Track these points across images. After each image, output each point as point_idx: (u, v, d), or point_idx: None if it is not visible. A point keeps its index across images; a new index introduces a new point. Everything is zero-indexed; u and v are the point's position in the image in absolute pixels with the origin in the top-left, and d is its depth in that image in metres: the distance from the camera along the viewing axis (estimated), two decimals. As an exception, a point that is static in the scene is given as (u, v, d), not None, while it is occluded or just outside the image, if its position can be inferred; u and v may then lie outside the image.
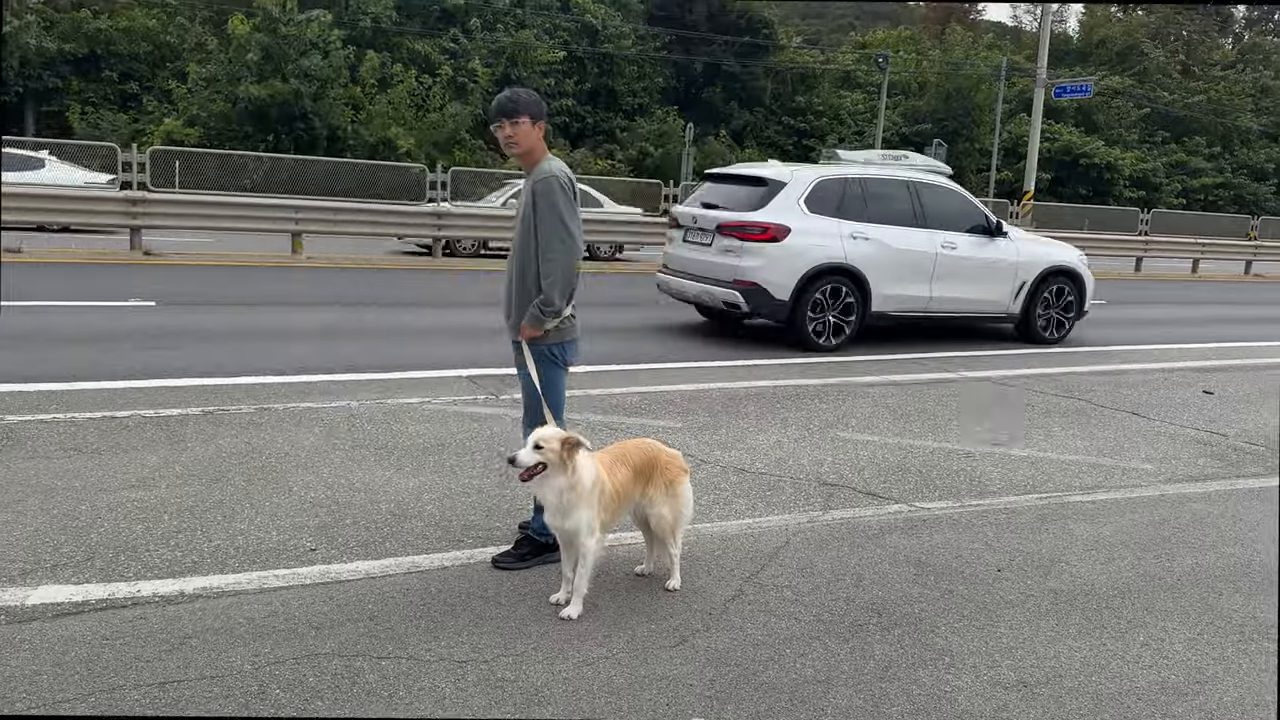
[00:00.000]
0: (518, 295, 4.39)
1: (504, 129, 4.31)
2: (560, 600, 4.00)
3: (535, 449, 3.83)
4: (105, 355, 8.09)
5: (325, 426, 6.36)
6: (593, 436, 6.31)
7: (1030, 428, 7.47)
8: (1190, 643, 4.02)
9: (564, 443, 3.85)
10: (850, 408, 7.78)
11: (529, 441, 3.87)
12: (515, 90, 4.43)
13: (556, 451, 3.83)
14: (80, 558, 4.19)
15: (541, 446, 3.83)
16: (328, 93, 31.91)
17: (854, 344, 10.49)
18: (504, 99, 4.34)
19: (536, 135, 4.34)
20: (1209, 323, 15.52)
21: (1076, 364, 10.40)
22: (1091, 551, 4.97)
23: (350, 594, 4.01)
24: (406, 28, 38.41)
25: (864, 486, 5.81)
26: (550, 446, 3.83)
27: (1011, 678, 3.64)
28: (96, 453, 5.55)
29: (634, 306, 12.73)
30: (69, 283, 12.35)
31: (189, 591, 3.94)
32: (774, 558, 4.64)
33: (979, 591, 4.40)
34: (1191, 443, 7.31)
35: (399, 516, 4.89)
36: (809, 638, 3.85)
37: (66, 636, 3.53)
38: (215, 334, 9.47)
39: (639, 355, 9.44)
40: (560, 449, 3.83)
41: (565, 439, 3.86)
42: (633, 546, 4.60)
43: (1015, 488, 5.97)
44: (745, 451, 6.39)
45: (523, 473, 3.84)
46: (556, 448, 3.83)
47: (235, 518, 4.74)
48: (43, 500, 4.80)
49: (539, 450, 3.82)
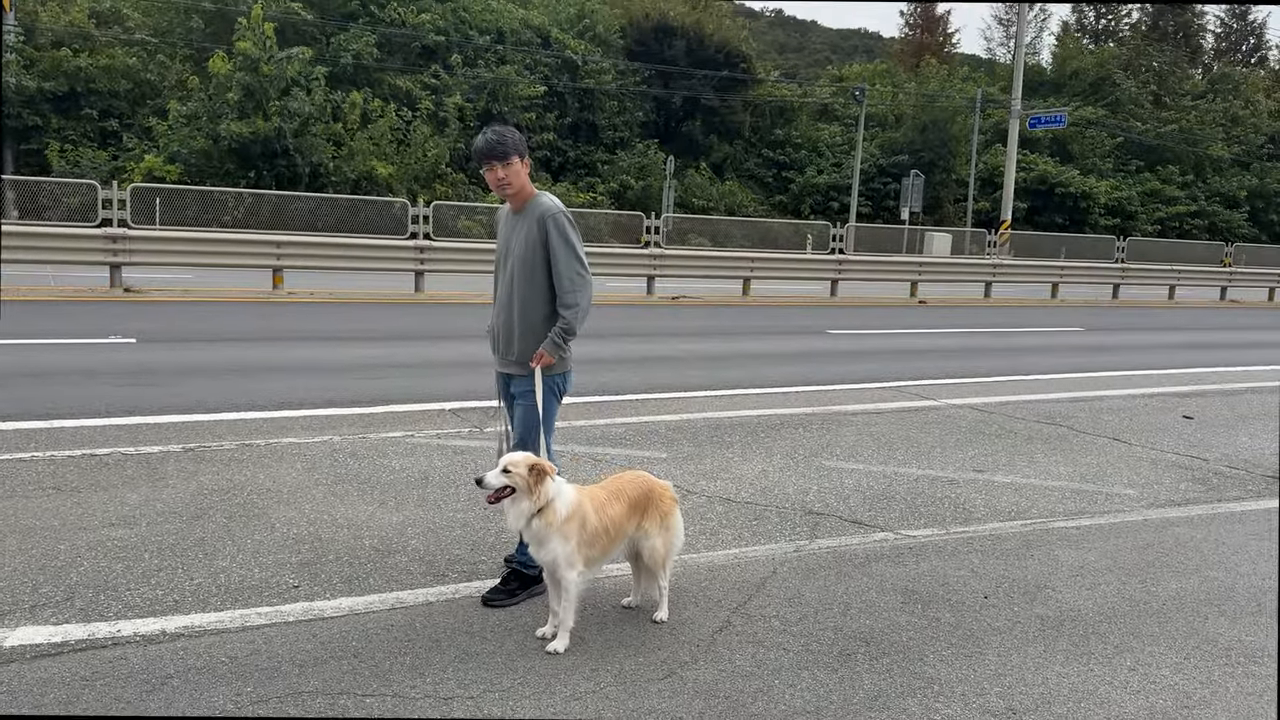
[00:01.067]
0: (520, 329, 4.41)
1: (495, 172, 4.32)
2: (547, 634, 3.97)
3: (504, 472, 3.85)
4: (85, 392, 8.02)
5: (307, 462, 6.32)
6: (578, 468, 6.31)
7: (1013, 454, 7.51)
8: (1177, 667, 4.02)
9: (531, 468, 3.87)
10: (834, 436, 7.80)
11: (499, 464, 3.89)
12: (499, 130, 4.39)
13: (524, 476, 3.85)
14: (60, 598, 4.13)
15: (510, 470, 3.86)
16: (309, 129, 31.97)
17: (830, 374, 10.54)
18: (491, 141, 4.31)
19: (526, 172, 4.40)
20: (1186, 348, 15.67)
21: (1056, 390, 10.47)
22: (1077, 577, 4.98)
23: (334, 631, 3.97)
24: (388, 64, 38.60)
25: (850, 515, 5.81)
26: (518, 471, 3.85)
27: (1000, 705, 3.63)
28: (76, 491, 5.49)
29: (615, 338, 12.74)
30: (49, 320, 12.26)
31: (170, 630, 3.89)
32: (761, 588, 4.63)
33: (966, 619, 4.40)
34: (1173, 467, 7.36)
35: (383, 552, 4.86)
36: (797, 668, 3.84)
37: (45, 678, 3.47)
38: (196, 370, 9.42)
39: (622, 386, 9.44)
40: (528, 474, 3.85)
41: (533, 464, 3.88)
42: (619, 579, 4.57)
43: (1000, 514, 5.99)
44: (731, 481, 6.39)
45: (490, 495, 3.87)
46: (524, 472, 3.85)
47: (217, 555, 4.69)
48: (21, 540, 4.74)
49: (507, 474, 3.85)
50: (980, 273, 25.02)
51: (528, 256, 4.37)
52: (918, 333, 16.25)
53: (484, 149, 4.32)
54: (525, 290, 4.39)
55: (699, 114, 46.43)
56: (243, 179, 30.71)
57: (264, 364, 10.04)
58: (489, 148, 4.30)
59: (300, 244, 17.75)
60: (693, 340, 13.62)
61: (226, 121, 30.64)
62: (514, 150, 4.31)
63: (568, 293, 4.33)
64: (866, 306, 20.85)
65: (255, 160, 31.15)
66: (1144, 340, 16.79)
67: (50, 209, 24.24)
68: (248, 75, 30.79)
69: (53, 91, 32.58)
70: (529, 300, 4.39)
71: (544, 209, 4.36)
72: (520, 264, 4.39)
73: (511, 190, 4.39)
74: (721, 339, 14.05)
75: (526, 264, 4.37)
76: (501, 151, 4.29)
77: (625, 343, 12.57)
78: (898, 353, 13.40)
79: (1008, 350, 14.23)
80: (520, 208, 4.45)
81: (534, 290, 4.38)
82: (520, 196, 4.42)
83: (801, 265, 23.43)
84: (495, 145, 4.29)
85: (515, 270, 4.42)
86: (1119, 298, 26.84)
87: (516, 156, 4.32)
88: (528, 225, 4.37)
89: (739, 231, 33.08)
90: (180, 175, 30.38)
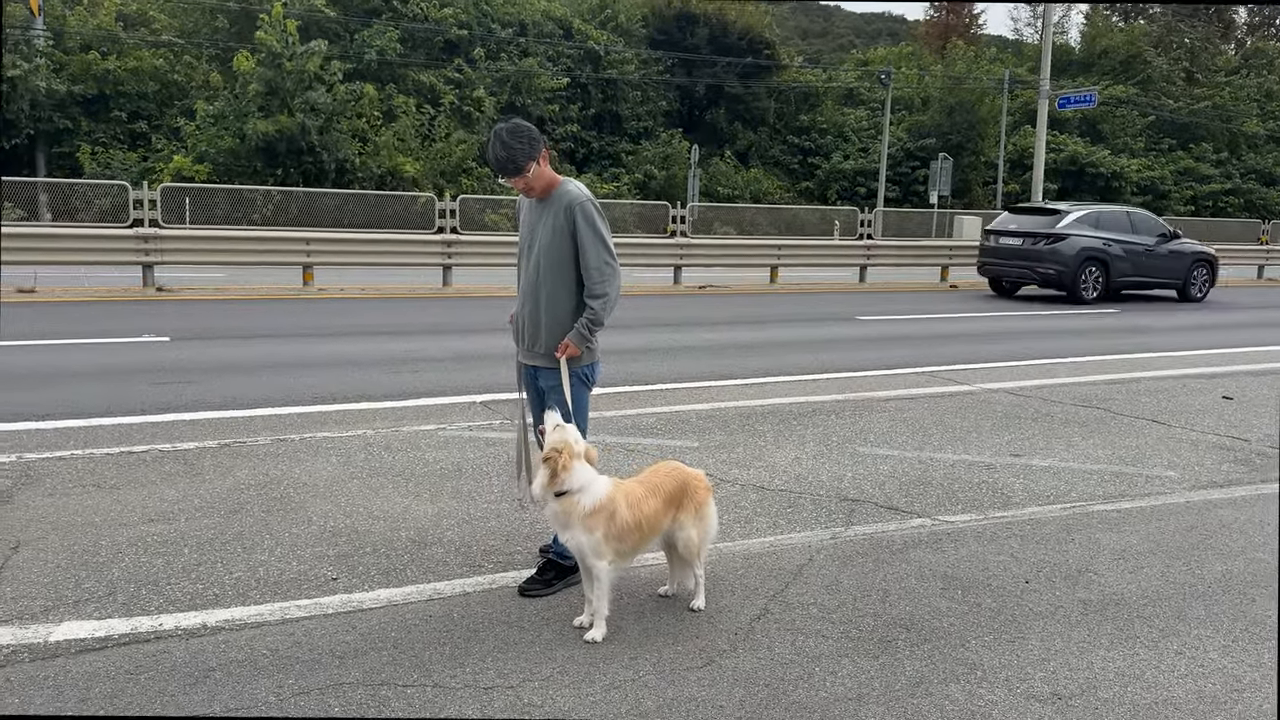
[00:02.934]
0: (547, 321, 4.35)
1: (519, 183, 4.25)
2: (584, 623, 3.97)
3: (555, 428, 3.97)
4: (121, 391, 8.11)
5: (342, 455, 6.35)
6: (610, 458, 6.30)
7: (1050, 438, 7.41)
8: (1225, 650, 3.96)
9: (561, 449, 3.89)
10: (867, 422, 7.74)
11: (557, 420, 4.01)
12: (506, 143, 4.16)
13: (556, 451, 3.89)
14: (102, 593, 4.18)
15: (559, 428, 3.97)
16: (334, 125, 32.14)
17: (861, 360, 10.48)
18: (502, 160, 4.16)
19: (546, 164, 4.30)
20: (1224, 328, 15.42)
21: (1092, 373, 10.33)
22: (1119, 561, 4.91)
23: (373, 623, 3.99)
24: (411, 59, 38.71)
25: (886, 501, 5.76)
26: (553, 441, 3.93)
27: (1045, 690, 3.58)
28: (115, 488, 5.55)
29: (643, 328, 12.72)
30: (83, 321, 12.41)
31: (211, 624, 3.92)
32: (798, 575, 4.60)
33: (1007, 604, 4.35)
34: (1214, 448, 7.24)
35: (419, 543, 4.87)
36: (838, 655, 3.81)
37: (90, 672, 3.51)
38: (230, 367, 9.49)
39: (651, 376, 9.42)
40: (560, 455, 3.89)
41: (565, 448, 3.90)
42: (655, 568, 4.56)
43: (1039, 498, 5.92)
44: (764, 469, 6.35)
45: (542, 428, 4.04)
46: (558, 446, 3.90)
47: (255, 549, 4.72)
48: (63, 537, 4.79)
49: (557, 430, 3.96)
50: (1011, 256, 24.66)
51: (554, 246, 4.30)
52: (949, 317, 16.10)
53: (497, 167, 4.22)
54: (552, 281, 4.33)
55: (723, 102, 46.20)
56: (270, 177, 30.97)
57: (296, 360, 10.11)
58: (500, 166, 4.20)
59: (329, 240, 17.84)
60: (721, 329, 13.56)
61: (252, 120, 30.88)
62: (526, 158, 4.17)
63: (596, 283, 4.27)
64: (896, 292, 20.68)
65: (282, 158, 31.38)
66: (1181, 320, 16.53)
67: (83, 211, 24.61)
68: (270, 71, 31.00)
69: (82, 95, 32.95)
70: (556, 291, 4.33)
71: (571, 197, 4.28)
72: (546, 253, 4.32)
73: (536, 191, 4.32)
74: (750, 327, 13.99)
75: (553, 254, 4.31)
76: (514, 167, 4.17)
77: (653, 332, 12.54)
78: (929, 338, 13.27)
79: (1042, 333, 14.06)
80: (544, 196, 4.37)
81: (561, 281, 4.32)
82: (546, 188, 4.35)
83: (829, 251, 23.21)
84: (507, 163, 4.17)
85: (541, 260, 4.34)
86: (1153, 278, 26.41)
87: (531, 162, 4.19)
88: (553, 214, 4.29)
89: (765, 219, 32.94)
90: (209, 174, 30.66)
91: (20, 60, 31.06)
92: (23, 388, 8.11)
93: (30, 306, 13.55)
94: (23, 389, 8.05)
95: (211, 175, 30.64)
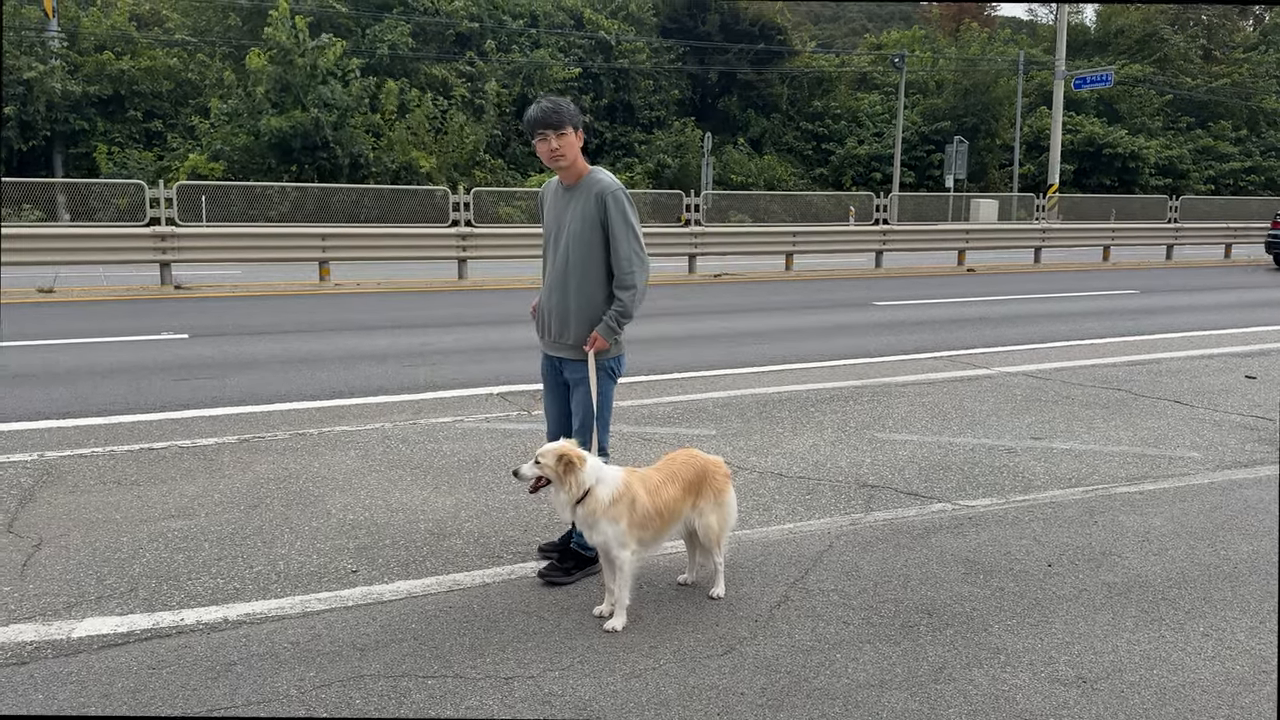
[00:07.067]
0: (575, 312, 4.31)
1: (549, 141, 4.19)
2: (604, 612, 3.96)
3: (535, 463, 3.86)
4: (141, 388, 8.16)
5: (360, 449, 6.36)
6: (627, 448, 6.29)
7: (1071, 420, 7.35)
8: (1252, 631, 3.91)
9: (560, 458, 3.83)
10: (886, 408, 7.69)
11: (534, 455, 3.90)
12: (555, 100, 4.24)
13: (553, 467, 3.83)
14: (124, 589, 4.20)
15: (540, 461, 3.85)
16: (348, 121, 32.20)
17: (879, 345, 10.40)
18: (546, 109, 4.17)
19: (579, 145, 4.27)
20: (1246, 307, 15.25)
21: (1113, 354, 10.24)
22: (1143, 543, 4.86)
23: (393, 614, 3.99)
24: (423, 53, 38.73)
25: (905, 486, 5.73)
26: (546, 461, 3.84)
27: (1070, 674, 3.55)
28: (136, 484, 5.58)
29: (659, 318, 12.69)
30: (102, 319, 12.49)
31: (233, 618, 3.94)
32: (818, 561, 4.58)
33: (1030, 588, 4.31)
34: (1238, 428, 7.16)
35: (438, 535, 4.87)
36: (859, 641, 3.78)
37: (113, 667, 3.53)
38: (248, 363, 9.53)
39: (668, 365, 9.39)
40: (556, 465, 3.83)
41: (561, 454, 3.84)
42: (675, 556, 4.55)
43: (1060, 481, 5.86)
44: (782, 456, 6.32)
45: (529, 486, 3.89)
46: (552, 463, 3.83)
47: (275, 543, 4.74)
48: (85, 533, 4.82)
49: (538, 465, 3.85)
50: (1029, 238, 24.54)
51: (584, 235, 4.24)
52: (967, 301, 15.99)
53: (538, 117, 4.18)
54: (581, 271, 4.27)
55: (735, 89, 46.02)
56: (285, 173, 31.08)
57: (314, 355, 10.14)
58: (544, 115, 4.16)
59: (345, 235, 17.90)
60: (737, 317, 13.52)
61: (266, 117, 30.97)
62: (569, 120, 4.17)
63: (627, 274, 4.23)
64: (913, 277, 20.56)
65: (296, 154, 31.47)
66: (1202, 300, 16.37)
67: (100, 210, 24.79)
68: (280, 67, 31.07)
69: (98, 95, 33.15)
70: (585, 281, 4.28)
71: (602, 185, 4.22)
72: (576, 243, 4.26)
73: (565, 162, 4.25)
74: (766, 314, 13.93)
75: (583, 243, 4.25)
76: (556, 120, 4.15)
77: (669, 321, 12.51)
78: (947, 322, 13.18)
79: (1060, 315, 13.94)
80: (573, 182, 4.31)
81: (591, 271, 4.26)
82: (573, 170, 4.29)
83: (845, 237, 23.09)
84: (550, 113, 4.16)
85: (570, 249, 4.28)
86: (1173, 259, 26.20)
87: (571, 127, 4.18)
88: (583, 202, 4.24)
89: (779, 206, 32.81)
90: (224, 172, 30.79)
91: (36, 62, 31.27)
92: (44, 386, 8.16)
93: (50, 306, 13.66)
94: (44, 388, 8.11)
95: (227, 173, 30.78)
